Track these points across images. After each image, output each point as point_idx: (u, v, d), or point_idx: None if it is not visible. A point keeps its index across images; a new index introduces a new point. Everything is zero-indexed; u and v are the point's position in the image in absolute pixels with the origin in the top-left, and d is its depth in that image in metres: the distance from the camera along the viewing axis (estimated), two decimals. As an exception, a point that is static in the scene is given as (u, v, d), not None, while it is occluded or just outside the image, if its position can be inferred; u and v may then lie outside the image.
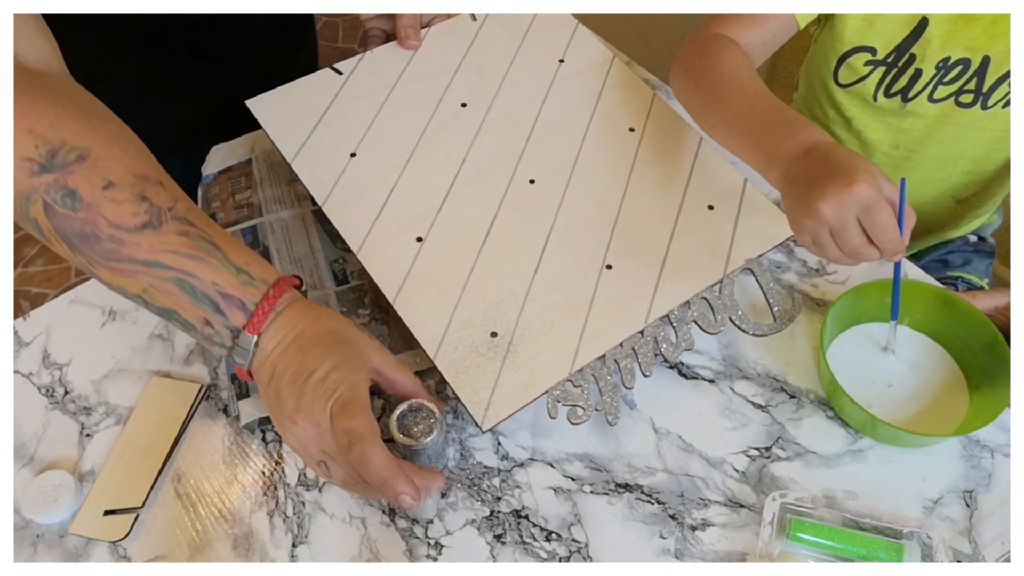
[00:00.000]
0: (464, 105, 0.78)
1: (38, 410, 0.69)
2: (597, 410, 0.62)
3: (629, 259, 0.69)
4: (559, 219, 0.71)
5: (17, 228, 2.00)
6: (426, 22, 0.84)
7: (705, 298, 0.67)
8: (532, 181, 0.73)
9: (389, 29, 0.83)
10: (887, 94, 0.81)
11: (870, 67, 0.80)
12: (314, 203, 0.71)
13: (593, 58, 0.84)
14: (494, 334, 0.64)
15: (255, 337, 0.54)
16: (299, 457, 0.56)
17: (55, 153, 0.51)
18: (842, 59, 0.80)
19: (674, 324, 0.66)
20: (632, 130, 0.78)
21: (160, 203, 0.53)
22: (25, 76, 0.52)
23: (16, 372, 0.71)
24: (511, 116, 0.78)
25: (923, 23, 0.75)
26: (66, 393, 0.69)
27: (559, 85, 0.81)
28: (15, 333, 0.73)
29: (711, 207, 0.72)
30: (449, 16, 0.86)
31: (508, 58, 0.83)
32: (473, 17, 0.86)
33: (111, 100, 0.58)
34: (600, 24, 0.85)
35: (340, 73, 0.80)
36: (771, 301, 0.68)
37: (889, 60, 0.78)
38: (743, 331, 0.66)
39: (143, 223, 0.52)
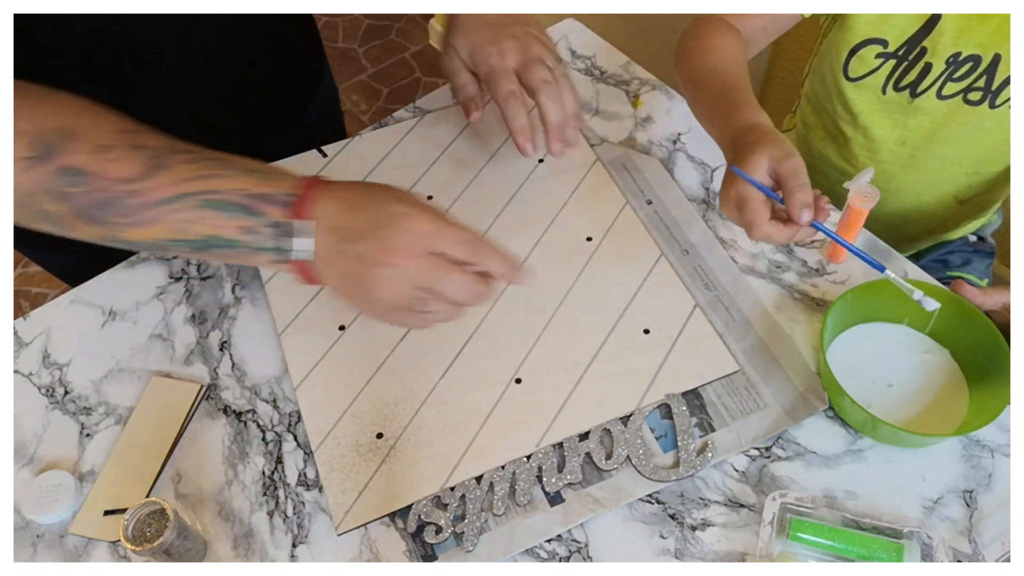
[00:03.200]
0: (430, 198, 0.79)
1: (38, 410, 0.69)
2: (456, 533, 0.59)
3: (541, 376, 0.66)
4: (484, 324, 0.70)
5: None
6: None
7: (608, 429, 0.63)
8: None
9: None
10: (896, 88, 0.81)
11: (881, 60, 0.80)
12: None
13: (575, 159, 0.81)
14: (380, 435, 0.64)
15: (308, 223, 0.54)
16: (383, 312, 0.56)
17: (44, 141, 0.52)
18: (853, 52, 0.81)
19: (565, 453, 0.62)
20: (590, 239, 0.75)
21: (156, 145, 0.54)
22: None
23: (16, 372, 0.71)
24: (470, 214, 0.77)
25: (936, 16, 0.75)
26: (66, 393, 0.69)
27: (531, 185, 0.80)
28: (15, 333, 0.73)
29: (647, 331, 0.68)
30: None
31: (490, 152, 0.82)
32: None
33: None
34: (600, 24, 0.85)
35: (325, 155, 0.82)
36: (680, 444, 0.62)
37: (900, 53, 0.78)
38: (638, 472, 0.61)
39: (149, 168, 0.53)
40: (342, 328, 0.70)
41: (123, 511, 0.61)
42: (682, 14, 0.83)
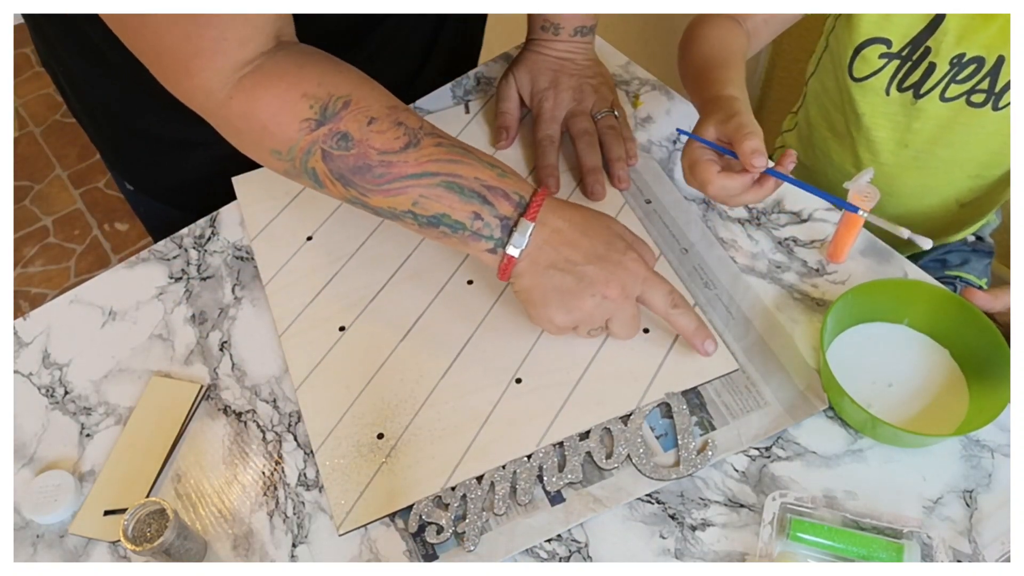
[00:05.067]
0: None
1: (38, 410, 0.69)
2: (457, 533, 0.59)
3: (541, 376, 0.66)
4: (485, 322, 0.70)
5: (18, 227, 2.00)
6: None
7: (608, 429, 0.63)
8: (470, 282, 0.73)
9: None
10: (900, 88, 0.81)
11: (884, 60, 0.80)
12: None
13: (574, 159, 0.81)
14: (380, 436, 0.64)
15: (532, 224, 0.60)
16: (555, 326, 0.63)
17: (326, 106, 0.58)
18: (857, 51, 0.81)
19: (566, 453, 0.62)
20: None
21: (413, 125, 0.61)
22: (286, 51, 0.60)
23: (16, 372, 0.71)
24: None
25: (940, 16, 0.75)
26: (66, 393, 0.69)
27: None
28: (15, 333, 0.73)
29: (646, 330, 0.68)
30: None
31: (488, 152, 0.82)
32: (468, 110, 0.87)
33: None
34: (599, 24, 0.85)
35: None
36: (680, 443, 0.62)
37: (904, 53, 0.79)
38: (639, 471, 0.61)
39: (405, 144, 0.59)
40: (342, 329, 0.70)
41: (123, 511, 0.61)
42: (681, 15, 0.84)
